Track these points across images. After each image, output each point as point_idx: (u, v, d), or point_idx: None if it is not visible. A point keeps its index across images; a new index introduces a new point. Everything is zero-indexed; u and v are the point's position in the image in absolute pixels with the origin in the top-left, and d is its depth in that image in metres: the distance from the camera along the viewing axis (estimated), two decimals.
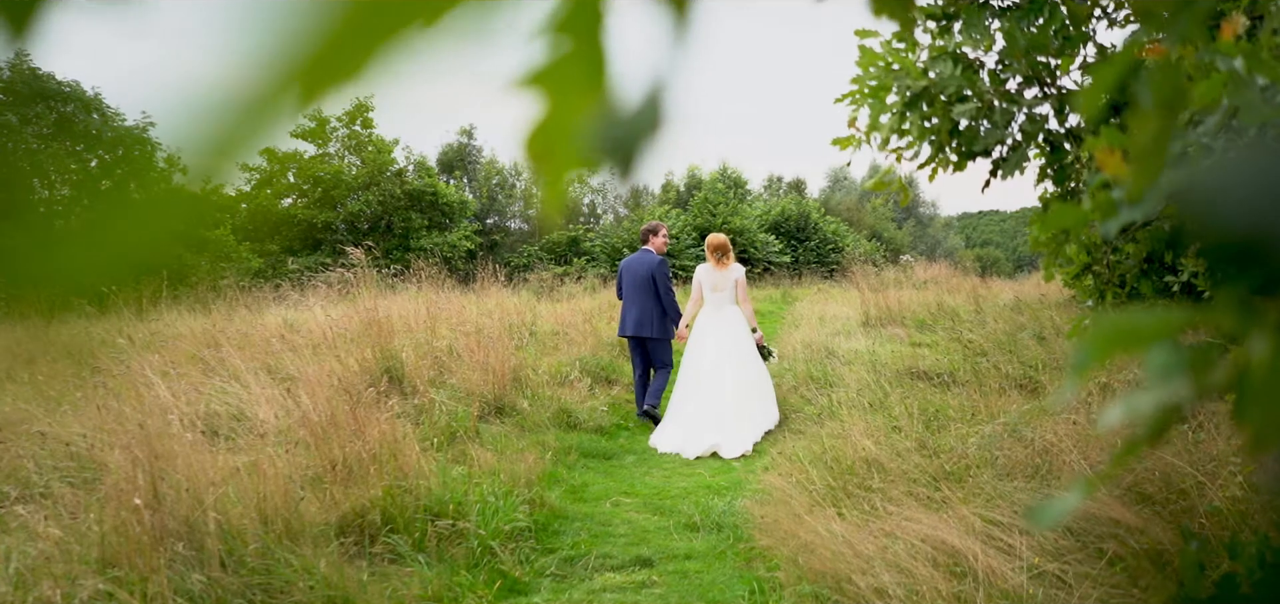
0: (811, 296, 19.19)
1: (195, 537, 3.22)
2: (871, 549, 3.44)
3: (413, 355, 7.17)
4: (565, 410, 6.98)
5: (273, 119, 0.34)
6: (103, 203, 0.34)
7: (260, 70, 0.33)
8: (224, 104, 0.33)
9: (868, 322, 12.15)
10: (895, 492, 4.15)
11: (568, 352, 9.34)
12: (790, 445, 5.45)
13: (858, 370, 7.62)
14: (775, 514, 4.23)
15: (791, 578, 3.63)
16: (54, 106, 21.00)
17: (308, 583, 3.29)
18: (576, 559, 4.12)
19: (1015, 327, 9.64)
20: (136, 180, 1.92)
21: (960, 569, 3.25)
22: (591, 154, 0.46)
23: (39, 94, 20.54)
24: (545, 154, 0.45)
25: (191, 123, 0.31)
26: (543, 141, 0.45)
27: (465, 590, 3.64)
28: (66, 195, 22.29)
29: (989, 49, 2.97)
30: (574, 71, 0.44)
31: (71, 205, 22.21)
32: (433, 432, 5.62)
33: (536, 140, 0.45)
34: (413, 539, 3.94)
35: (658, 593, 3.77)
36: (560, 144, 0.45)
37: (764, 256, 27.60)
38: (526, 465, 5.10)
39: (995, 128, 2.86)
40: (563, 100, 0.45)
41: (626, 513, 4.87)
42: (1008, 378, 6.70)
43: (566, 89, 0.44)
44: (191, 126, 0.31)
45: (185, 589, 3.04)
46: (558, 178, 0.46)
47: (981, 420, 5.25)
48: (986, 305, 12.85)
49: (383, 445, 4.33)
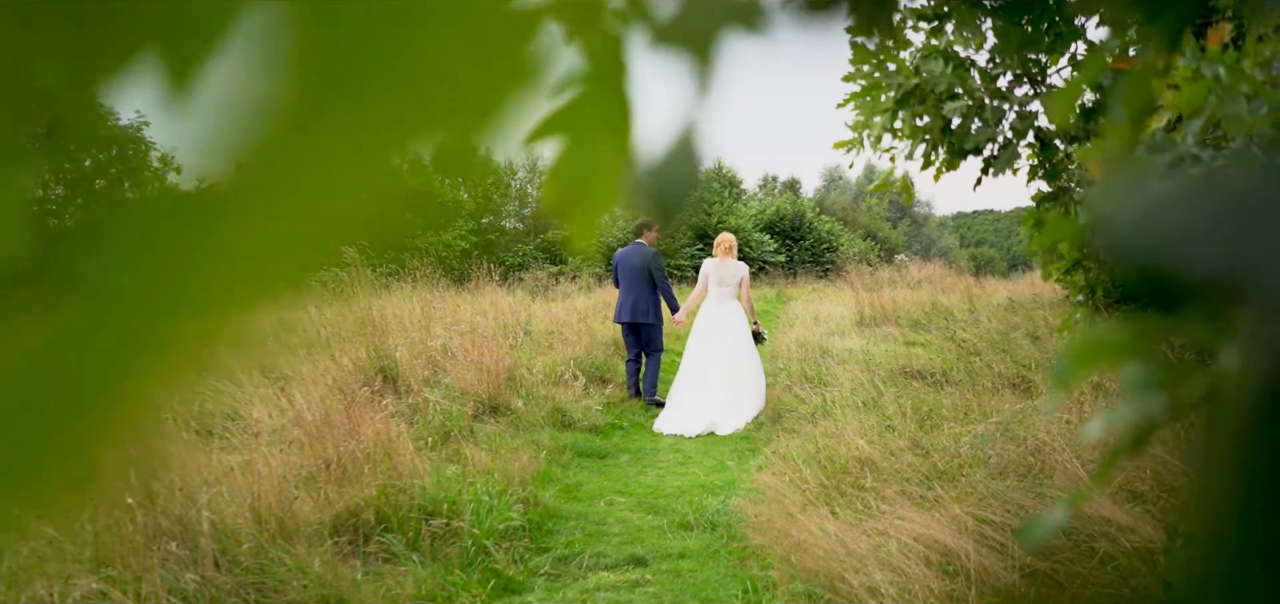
0: (806, 296, 19.22)
1: (189, 536, 3.22)
2: (864, 548, 3.45)
3: (407, 354, 7.17)
4: (560, 409, 6.99)
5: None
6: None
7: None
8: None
9: (862, 321, 12.17)
10: (888, 491, 4.16)
11: (562, 351, 9.34)
12: (784, 444, 5.46)
13: (852, 369, 7.64)
14: (769, 513, 4.24)
15: (784, 577, 3.64)
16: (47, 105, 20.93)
17: (301, 582, 3.30)
18: (570, 558, 4.12)
19: (1009, 326, 9.66)
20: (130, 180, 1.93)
21: (953, 568, 3.26)
22: (630, 200, 0.46)
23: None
24: (569, 197, 0.46)
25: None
26: (563, 183, 0.46)
27: (459, 590, 3.65)
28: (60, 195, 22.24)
29: (980, 47, 2.99)
30: (593, 114, 0.44)
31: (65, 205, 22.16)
32: (427, 431, 5.62)
33: (556, 182, 0.46)
34: (407, 538, 3.95)
35: (651, 592, 3.78)
36: (584, 185, 0.46)
37: (759, 256, 27.62)
38: (521, 465, 5.10)
39: (986, 126, 2.88)
40: (582, 142, 0.45)
41: (621, 512, 4.88)
42: (1001, 377, 6.72)
43: (586, 130, 0.45)
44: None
45: (179, 588, 3.04)
46: (587, 219, 0.46)
47: (975, 419, 5.26)
48: (980, 305, 12.89)
49: (377, 444, 4.33)
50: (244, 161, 0.31)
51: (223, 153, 0.31)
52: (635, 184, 0.46)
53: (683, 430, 6.97)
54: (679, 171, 0.47)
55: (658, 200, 0.47)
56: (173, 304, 0.32)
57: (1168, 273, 0.42)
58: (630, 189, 0.46)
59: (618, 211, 0.46)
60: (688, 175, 0.47)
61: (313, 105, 0.31)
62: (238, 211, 0.32)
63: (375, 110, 0.32)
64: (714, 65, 0.47)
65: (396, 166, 0.34)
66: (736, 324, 7.80)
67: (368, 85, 0.32)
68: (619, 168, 0.46)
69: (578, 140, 0.45)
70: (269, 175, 0.31)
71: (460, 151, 0.37)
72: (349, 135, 0.32)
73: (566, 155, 0.45)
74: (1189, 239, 0.41)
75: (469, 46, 0.35)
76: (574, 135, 0.45)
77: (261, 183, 0.31)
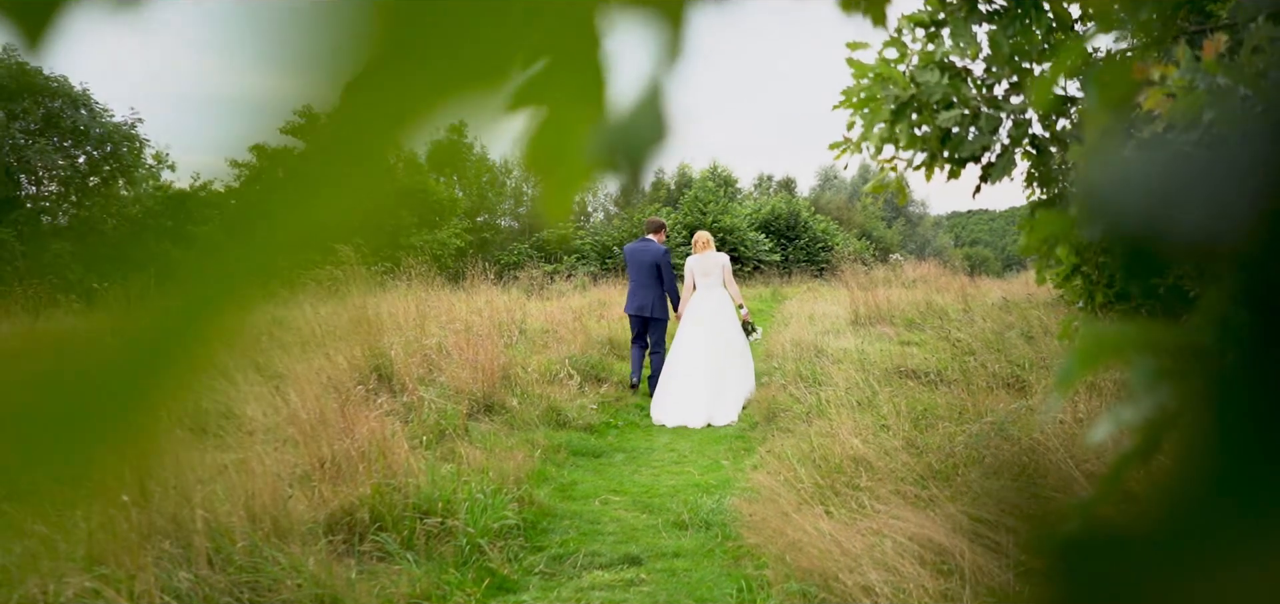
0: (801, 295, 19.23)
1: (183, 534, 3.21)
2: (859, 547, 3.45)
3: (402, 353, 7.16)
4: (554, 408, 6.98)
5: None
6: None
7: None
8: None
9: (857, 320, 12.18)
10: (883, 490, 4.16)
11: (557, 349, 9.34)
12: (779, 443, 5.47)
13: (846, 369, 7.64)
14: (763, 512, 4.24)
15: (779, 576, 3.65)
16: (41, 101, 20.87)
17: (295, 581, 3.29)
18: (565, 557, 4.12)
19: (1003, 325, 9.68)
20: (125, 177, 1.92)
21: (947, 567, 3.27)
22: (599, 162, 0.46)
23: (26, 89, 20.40)
24: (548, 164, 0.46)
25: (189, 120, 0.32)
26: (543, 150, 0.46)
27: (453, 588, 3.64)
28: (55, 191, 22.15)
29: (975, 56, 2.99)
30: (569, 81, 0.45)
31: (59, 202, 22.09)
32: (421, 429, 5.61)
33: (536, 149, 0.46)
34: (401, 537, 3.94)
35: (646, 591, 3.78)
36: (562, 152, 0.46)
37: (754, 255, 27.64)
38: (515, 463, 5.10)
39: (982, 133, 2.88)
40: (559, 110, 0.45)
41: (615, 511, 4.88)
42: (995, 377, 6.73)
43: (563, 99, 0.45)
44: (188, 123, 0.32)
45: (172, 587, 3.03)
46: (563, 187, 0.47)
47: (969, 419, 5.27)
48: (975, 304, 12.91)
49: (371, 443, 4.32)
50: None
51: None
52: (604, 143, 0.47)
53: (683, 422, 7.36)
54: (645, 126, 0.47)
55: (624, 154, 0.47)
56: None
57: (1151, 233, 0.42)
58: (601, 151, 0.47)
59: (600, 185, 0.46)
60: (654, 131, 0.47)
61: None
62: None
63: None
64: (683, 30, 0.48)
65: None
66: (722, 311, 8.19)
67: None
68: (591, 137, 0.46)
69: (553, 111, 0.45)
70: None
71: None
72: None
73: (543, 126, 0.46)
74: (1171, 198, 0.41)
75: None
76: (550, 105, 0.45)
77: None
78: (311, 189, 0.33)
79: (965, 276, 21.33)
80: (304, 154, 0.32)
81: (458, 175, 30.72)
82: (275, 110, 0.32)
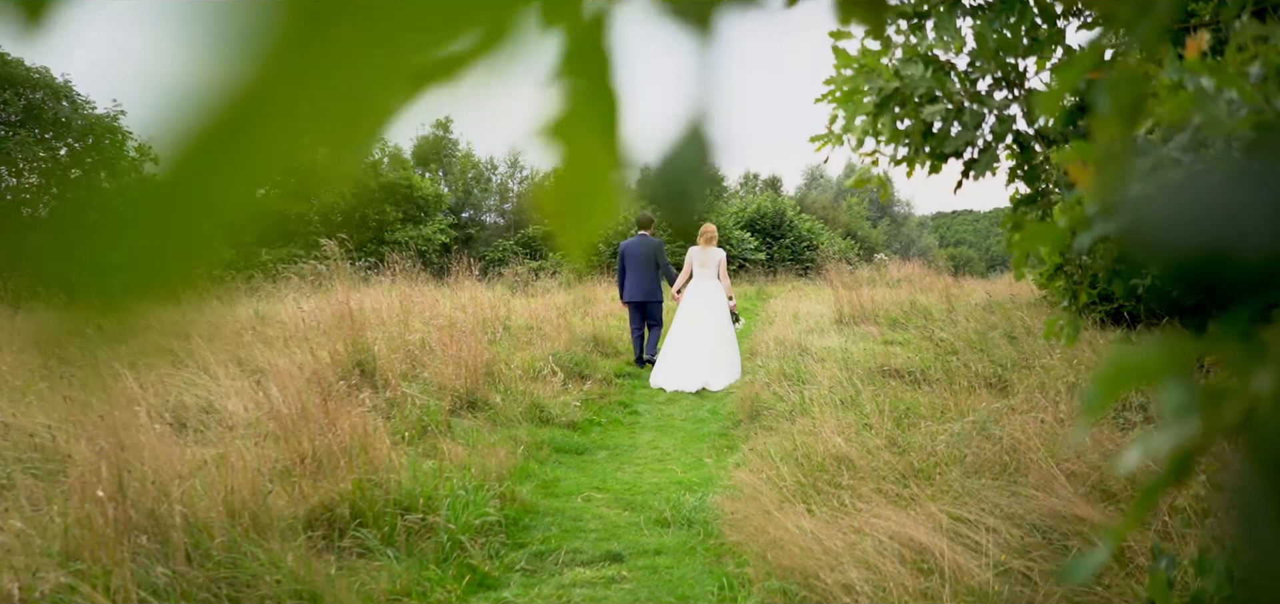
0: (786, 294, 19.27)
1: (160, 529, 3.19)
2: (840, 545, 3.46)
3: (385, 349, 7.13)
4: (538, 405, 6.97)
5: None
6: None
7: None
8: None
9: (841, 319, 12.21)
10: (864, 488, 4.17)
11: (541, 346, 9.32)
12: (761, 441, 5.47)
13: (830, 367, 7.66)
14: (745, 510, 4.24)
15: (760, 574, 3.65)
16: (22, 93, 20.67)
17: (274, 577, 3.27)
18: (547, 554, 4.11)
19: (986, 325, 9.73)
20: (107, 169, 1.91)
21: (927, 566, 3.28)
22: (639, 200, 0.45)
23: (6, 80, 20.20)
24: (567, 209, 0.44)
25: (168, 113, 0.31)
26: (564, 195, 0.44)
27: (434, 585, 3.63)
28: (35, 183, 21.96)
29: (959, 50, 2.99)
30: (587, 118, 0.43)
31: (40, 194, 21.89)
32: (404, 425, 5.59)
33: (557, 195, 0.44)
34: (382, 533, 3.92)
35: (627, 588, 3.78)
36: (584, 195, 0.44)
37: (739, 254, 27.67)
38: (498, 460, 5.08)
39: (966, 129, 2.88)
40: (579, 152, 0.43)
41: (597, 508, 4.87)
42: (978, 376, 6.76)
43: (582, 139, 0.43)
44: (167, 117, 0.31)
45: (149, 582, 3.00)
46: (583, 230, 0.45)
47: (951, 418, 5.29)
48: (958, 304, 12.96)
49: (353, 439, 4.30)
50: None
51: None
52: (640, 181, 0.45)
53: (680, 387, 8.66)
54: (687, 163, 0.45)
55: (666, 195, 0.45)
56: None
57: (1217, 263, 0.41)
58: (626, 190, 0.45)
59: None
60: (697, 165, 0.45)
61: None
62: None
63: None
64: (715, 38, 0.46)
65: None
66: (716, 299, 9.40)
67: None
68: (611, 176, 0.44)
69: (573, 150, 0.44)
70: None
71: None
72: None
73: (564, 168, 0.44)
74: (1239, 226, 0.40)
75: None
76: (569, 144, 0.44)
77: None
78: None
79: (949, 277, 21.43)
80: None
81: (443, 170, 30.64)
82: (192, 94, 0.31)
